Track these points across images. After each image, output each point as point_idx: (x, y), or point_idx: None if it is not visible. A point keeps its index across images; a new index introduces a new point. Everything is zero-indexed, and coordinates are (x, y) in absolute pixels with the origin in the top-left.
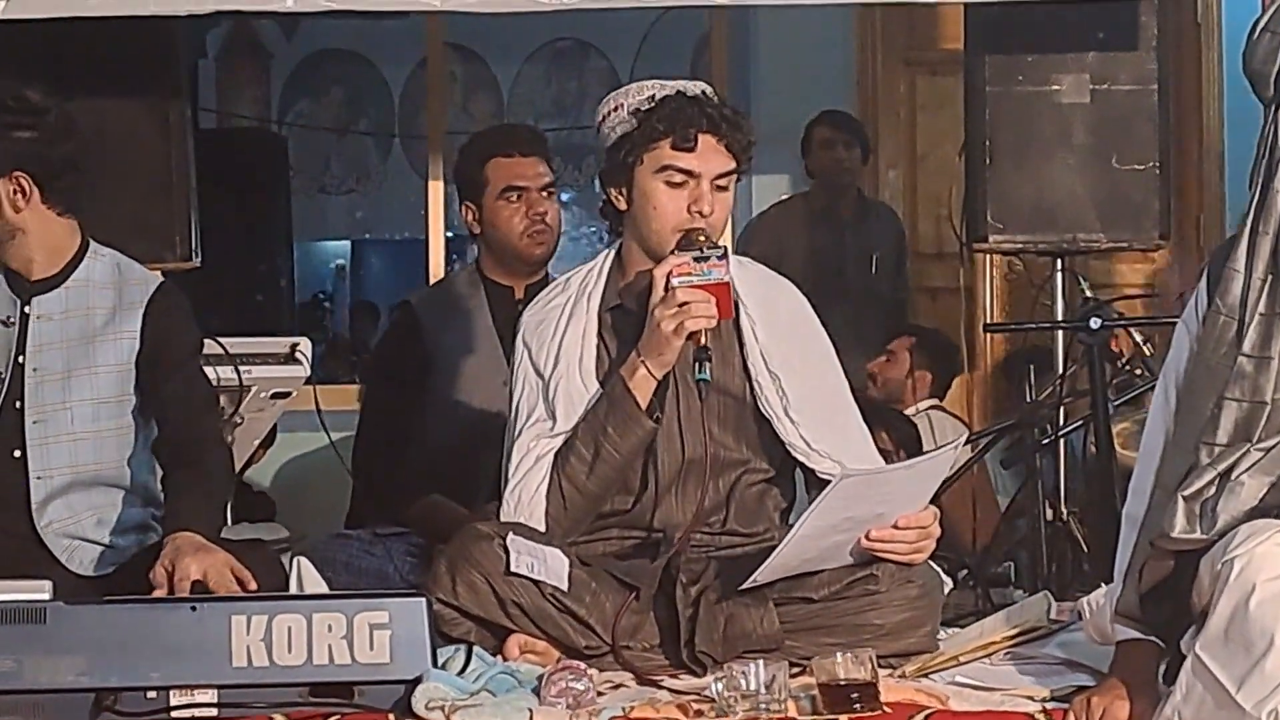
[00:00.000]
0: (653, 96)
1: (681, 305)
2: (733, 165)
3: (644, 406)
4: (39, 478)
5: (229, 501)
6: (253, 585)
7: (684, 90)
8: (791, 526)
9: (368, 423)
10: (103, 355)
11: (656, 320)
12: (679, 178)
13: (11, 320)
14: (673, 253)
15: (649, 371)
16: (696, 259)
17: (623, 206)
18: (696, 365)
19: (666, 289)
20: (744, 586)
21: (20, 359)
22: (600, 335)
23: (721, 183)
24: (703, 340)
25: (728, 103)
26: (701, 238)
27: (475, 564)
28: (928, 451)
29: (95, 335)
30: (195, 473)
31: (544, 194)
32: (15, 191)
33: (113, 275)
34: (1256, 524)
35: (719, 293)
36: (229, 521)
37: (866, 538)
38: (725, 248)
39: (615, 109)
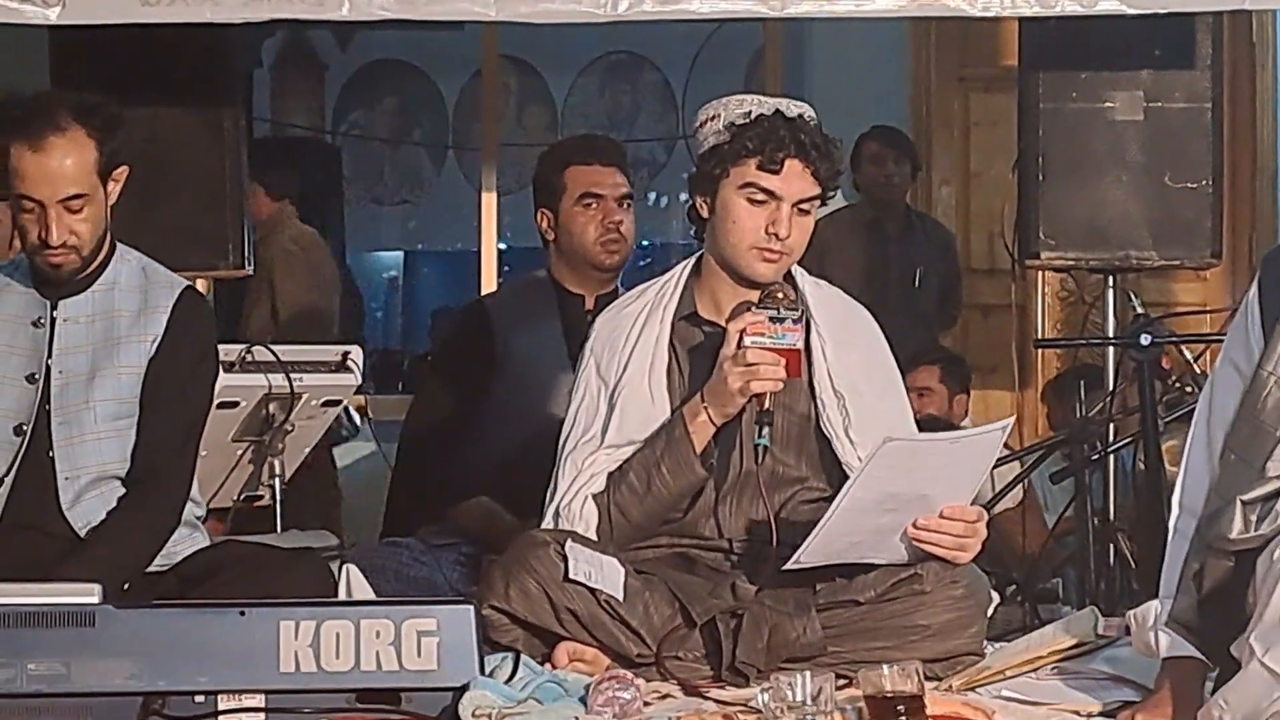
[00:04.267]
0: (749, 113)
1: (750, 365)
2: (816, 191)
3: (700, 449)
4: (66, 478)
5: (155, 547)
6: None
7: (783, 111)
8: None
9: (422, 416)
10: (126, 356)
11: (724, 374)
12: (760, 196)
13: (42, 322)
14: (749, 309)
15: (709, 418)
16: (773, 319)
17: (705, 215)
18: (757, 429)
19: (739, 345)
20: (787, 566)
21: (49, 361)
22: (672, 344)
23: (804, 207)
24: (766, 404)
25: (822, 128)
26: (780, 294)
27: (531, 570)
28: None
29: (120, 337)
30: (125, 515)
31: (620, 204)
32: (117, 187)
33: (139, 278)
34: None
35: (790, 356)
36: (279, 529)
37: (914, 526)
38: (802, 311)
39: (713, 118)
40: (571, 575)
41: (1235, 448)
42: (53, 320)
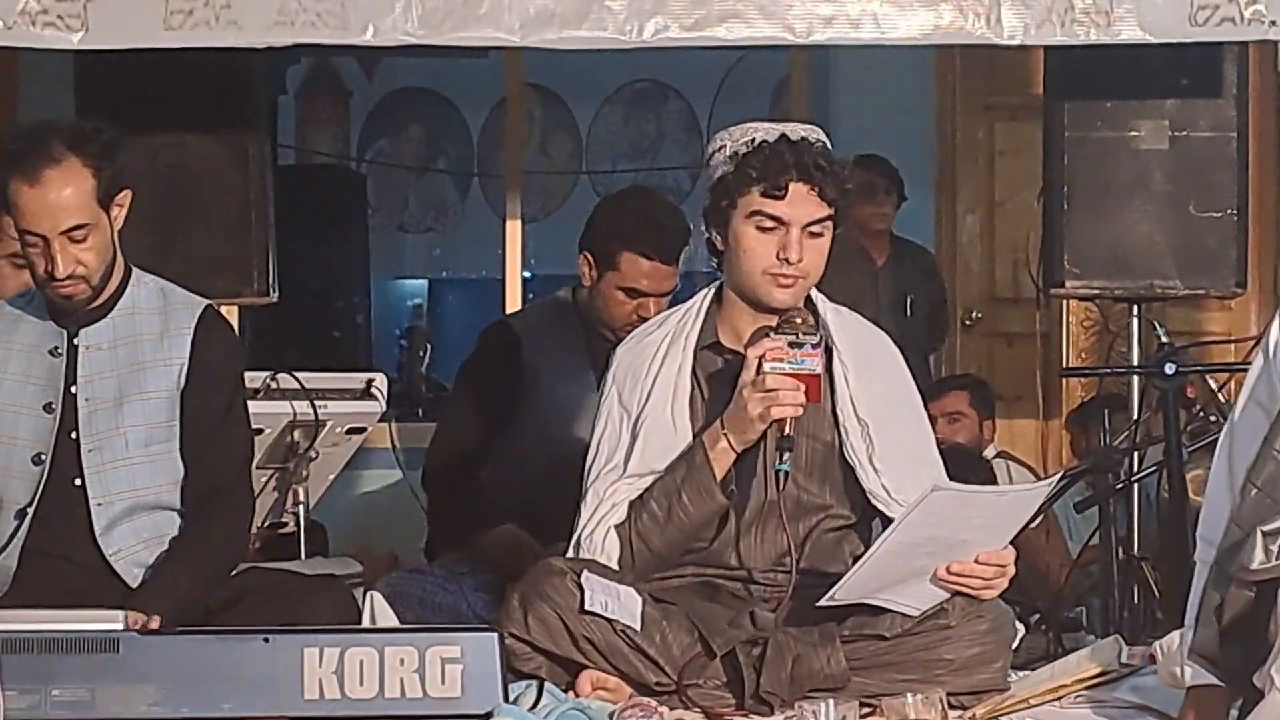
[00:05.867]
0: (753, 140)
1: (770, 391)
2: (825, 213)
3: (721, 477)
4: (99, 504)
5: (231, 566)
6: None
7: (787, 135)
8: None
9: (446, 437)
10: (153, 381)
11: (744, 400)
12: (768, 224)
13: (59, 351)
14: (768, 334)
15: (730, 445)
16: (791, 345)
17: (720, 247)
18: (779, 455)
19: (758, 371)
20: (822, 602)
21: (72, 389)
22: (694, 373)
23: (814, 229)
24: (787, 430)
25: (831, 148)
26: (799, 319)
27: (548, 599)
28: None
29: (145, 362)
30: (197, 537)
31: (662, 298)
32: (121, 212)
33: (158, 300)
34: None
35: (809, 382)
36: (303, 556)
37: (948, 570)
38: (822, 336)
39: (719, 150)
40: (588, 606)
41: (1258, 481)
42: (72, 349)
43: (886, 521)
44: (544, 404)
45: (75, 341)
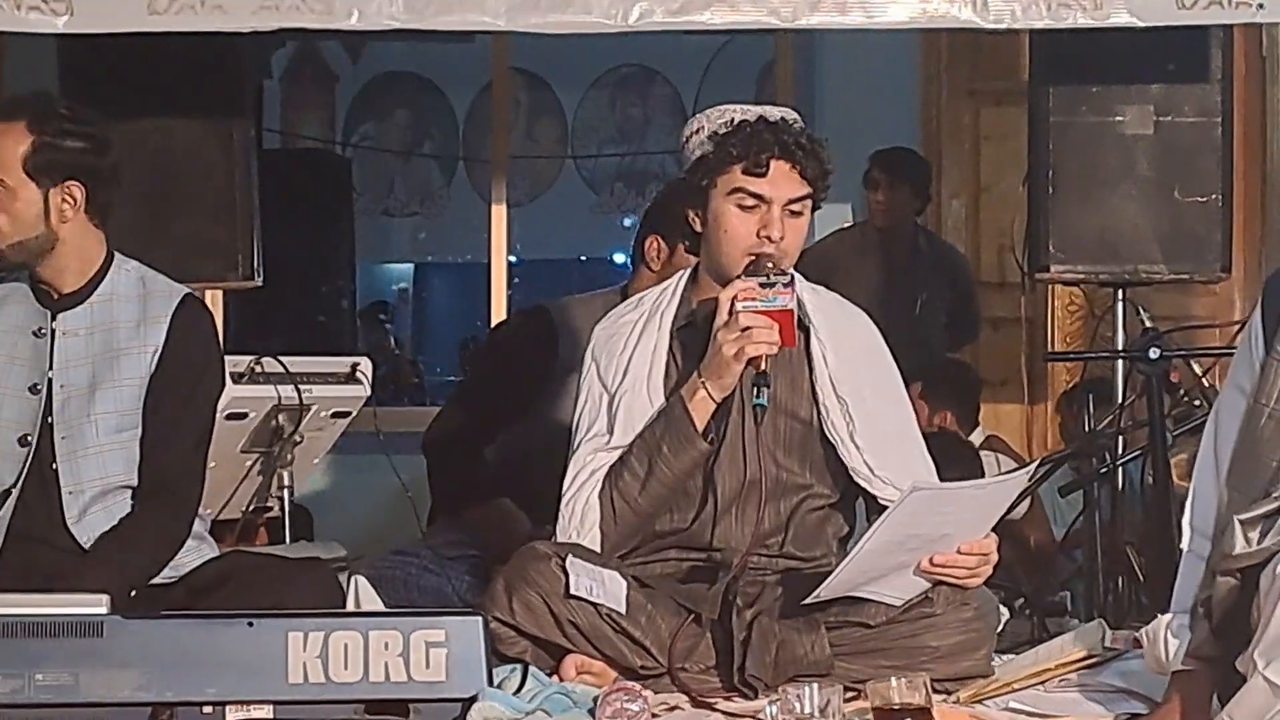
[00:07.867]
0: (732, 120)
1: (744, 330)
2: (806, 191)
3: (701, 428)
4: (70, 492)
5: (164, 560)
6: None
7: (765, 115)
8: (851, 550)
9: (453, 412)
10: (127, 368)
11: (719, 344)
12: (750, 201)
13: (43, 332)
14: (739, 277)
15: (708, 394)
16: (763, 285)
17: (698, 228)
18: (755, 390)
19: (731, 313)
20: (806, 601)
21: (51, 374)
22: (670, 353)
23: (795, 208)
24: (763, 366)
25: (807, 129)
26: (769, 264)
27: (533, 584)
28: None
29: (119, 349)
30: (140, 523)
31: None
32: (64, 201)
33: (137, 288)
34: None
35: (783, 320)
36: (288, 540)
37: (930, 562)
38: (792, 275)
39: (696, 131)
40: (573, 591)
41: (1236, 484)
42: (52, 332)
43: (869, 499)
44: (568, 391)
45: (54, 326)
